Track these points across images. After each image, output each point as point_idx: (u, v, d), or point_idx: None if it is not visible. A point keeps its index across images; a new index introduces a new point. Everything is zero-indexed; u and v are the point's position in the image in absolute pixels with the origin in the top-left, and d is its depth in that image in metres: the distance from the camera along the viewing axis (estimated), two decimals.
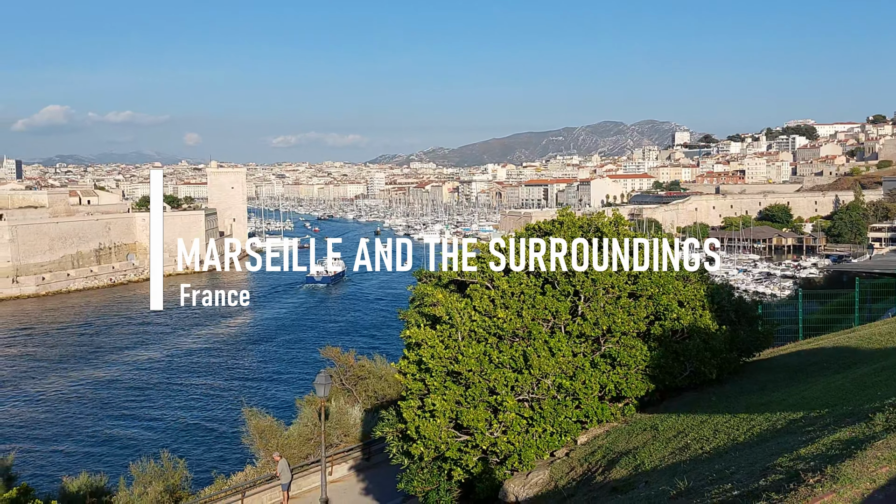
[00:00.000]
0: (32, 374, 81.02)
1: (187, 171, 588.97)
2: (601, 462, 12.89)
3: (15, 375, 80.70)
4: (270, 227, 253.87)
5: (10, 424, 64.16)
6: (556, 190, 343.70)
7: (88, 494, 25.88)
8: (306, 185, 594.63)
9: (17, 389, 75.22)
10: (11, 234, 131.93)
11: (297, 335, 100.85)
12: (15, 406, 69.71)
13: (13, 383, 77.49)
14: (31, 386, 76.46)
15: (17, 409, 68.63)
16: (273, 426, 31.04)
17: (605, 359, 15.89)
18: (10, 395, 73.10)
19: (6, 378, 79.62)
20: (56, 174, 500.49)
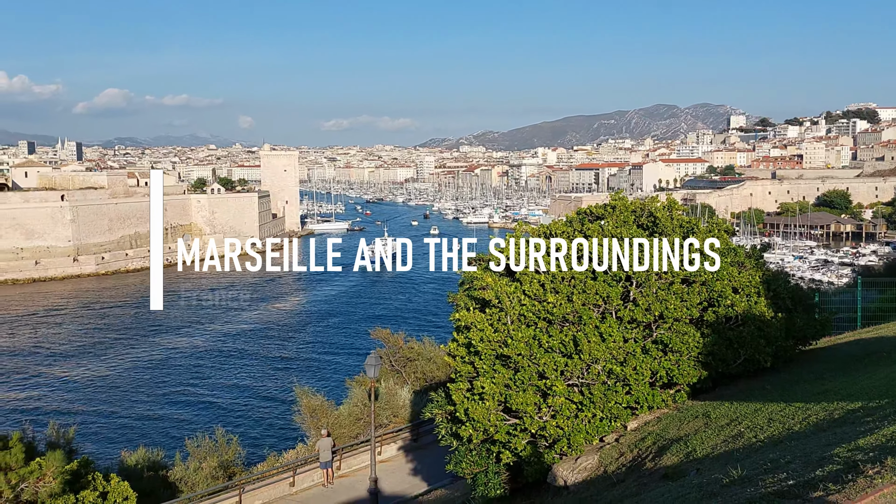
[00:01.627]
0: (92, 351, 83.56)
1: (241, 154, 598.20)
2: (651, 448, 12.81)
3: (75, 352, 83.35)
4: (322, 210, 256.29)
5: (72, 399, 66.36)
6: (607, 174, 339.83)
7: (146, 468, 26.66)
8: (357, 168, 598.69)
9: (78, 365, 77.70)
10: (72, 214, 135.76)
11: (348, 316, 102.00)
12: (76, 381, 72.04)
13: (74, 359, 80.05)
14: (90, 362, 78.88)
15: (78, 385, 70.91)
16: (324, 405, 31.53)
17: (657, 345, 15.73)
18: (72, 371, 75.55)
19: (68, 354, 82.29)
20: (115, 156, 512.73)
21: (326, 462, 26.08)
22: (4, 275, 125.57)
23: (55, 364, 78.27)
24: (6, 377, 73.41)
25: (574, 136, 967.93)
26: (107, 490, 20.68)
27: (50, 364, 78.24)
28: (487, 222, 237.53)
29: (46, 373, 74.95)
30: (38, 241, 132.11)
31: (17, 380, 72.46)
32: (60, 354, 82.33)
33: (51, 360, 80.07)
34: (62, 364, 78.30)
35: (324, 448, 25.98)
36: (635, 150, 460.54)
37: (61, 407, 63.40)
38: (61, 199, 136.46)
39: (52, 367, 76.88)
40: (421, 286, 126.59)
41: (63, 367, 76.95)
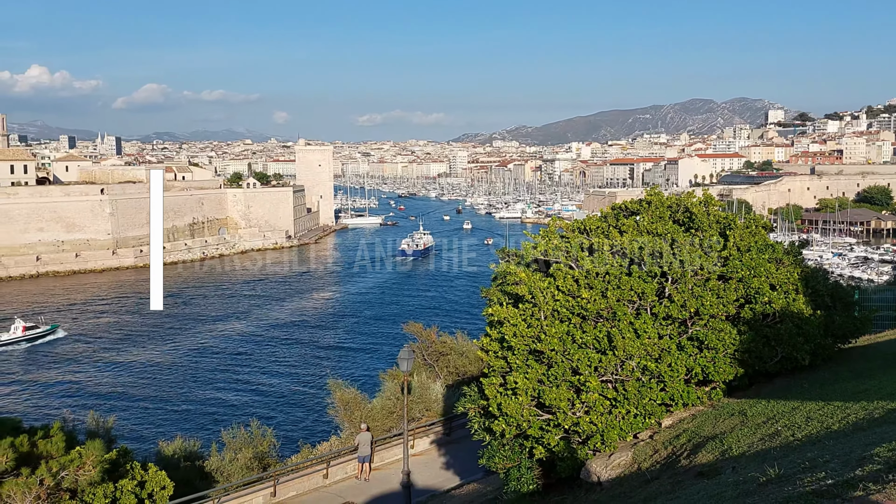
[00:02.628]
0: (130, 342, 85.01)
1: (276, 149, 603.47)
2: (686, 446, 12.71)
3: (113, 343, 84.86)
4: (356, 205, 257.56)
5: (110, 390, 67.61)
6: (642, 169, 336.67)
7: (183, 458, 27.09)
8: (390, 163, 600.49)
9: (116, 356, 79.12)
10: (112, 207, 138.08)
11: (381, 310, 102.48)
12: (114, 372, 73.37)
13: (113, 350, 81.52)
14: (128, 353, 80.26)
15: (117, 376, 72.22)
16: (357, 398, 31.75)
17: (692, 342, 15.59)
18: (110, 362, 76.96)
19: (106, 346, 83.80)
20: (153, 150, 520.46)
21: (365, 456, 26.14)
22: (46, 267, 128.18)
23: (95, 354, 79.79)
24: (47, 367, 75.03)
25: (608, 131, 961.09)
26: (144, 479, 21.06)
27: (90, 354, 79.79)
28: (520, 217, 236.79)
29: (86, 363, 76.45)
30: (79, 234, 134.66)
31: (57, 370, 74.03)
32: (100, 345, 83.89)
33: (90, 350, 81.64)
34: (102, 354, 79.79)
35: (363, 442, 26.08)
36: (671, 146, 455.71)
37: (100, 397, 64.66)
38: (101, 193, 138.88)
39: (92, 358, 78.40)
40: (453, 281, 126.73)
41: (102, 358, 78.41)
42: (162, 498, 21.11)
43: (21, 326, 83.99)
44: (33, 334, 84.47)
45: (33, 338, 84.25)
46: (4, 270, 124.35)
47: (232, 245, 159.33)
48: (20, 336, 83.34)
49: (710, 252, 16.32)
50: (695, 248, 16.24)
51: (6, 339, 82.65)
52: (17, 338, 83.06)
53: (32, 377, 72.16)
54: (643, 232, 16.85)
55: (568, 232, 18.39)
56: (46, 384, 69.41)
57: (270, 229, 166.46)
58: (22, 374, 73.35)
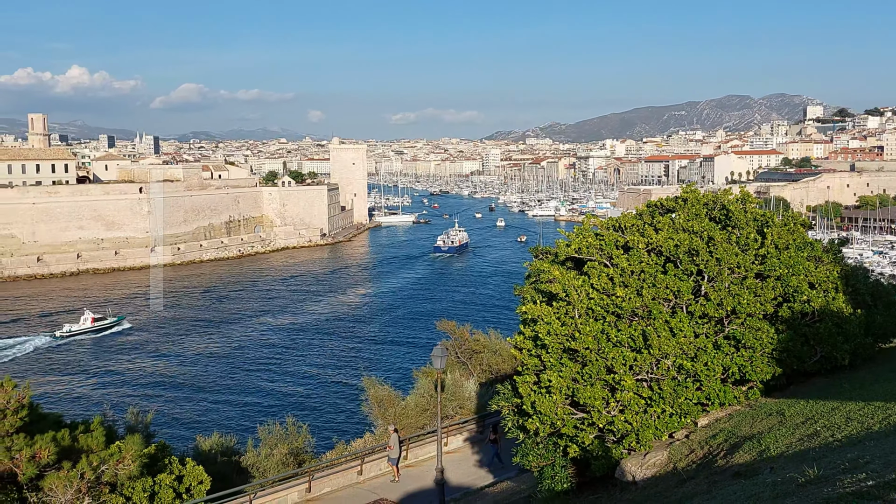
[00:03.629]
0: (168, 339, 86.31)
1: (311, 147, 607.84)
2: (723, 446, 12.57)
3: (151, 340, 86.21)
4: (389, 203, 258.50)
5: (148, 385, 68.70)
6: (677, 166, 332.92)
7: (219, 453, 27.42)
8: (423, 161, 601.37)
9: (155, 353, 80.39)
10: (150, 206, 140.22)
11: (414, 307, 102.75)
12: (152, 369, 74.54)
13: (152, 346, 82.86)
14: (166, 350, 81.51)
15: (154, 372, 73.36)
16: (391, 396, 31.88)
17: (729, 340, 15.41)
18: (148, 359, 78.21)
19: (144, 342, 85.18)
20: (190, 149, 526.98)
21: (394, 458, 26.20)
22: (86, 264, 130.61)
23: (133, 350, 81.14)
24: (86, 364, 76.46)
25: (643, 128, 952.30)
26: (182, 474, 21.39)
27: (128, 350, 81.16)
28: (553, 215, 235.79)
29: (125, 359, 77.77)
30: (118, 231, 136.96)
31: (96, 366, 75.41)
32: (139, 341, 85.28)
33: (129, 346, 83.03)
34: (140, 351, 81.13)
35: (395, 443, 26.16)
36: (706, 142, 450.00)
37: (139, 392, 65.73)
38: (139, 192, 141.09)
39: (130, 354, 79.73)
40: (487, 279, 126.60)
41: (141, 354, 79.71)
42: (199, 492, 21.41)
43: (90, 318, 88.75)
44: (101, 325, 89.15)
45: (101, 329, 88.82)
46: (46, 268, 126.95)
47: (267, 243, 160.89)
48: (89, 327, 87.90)
49: (747, 250, 16.12)
50: (732, 246, 16.05)
51: (77, 329, 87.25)
52: (86, 328, 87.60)
53: (91, 367, 74.27)
54: (679, 229, 16.68)
55: (602, 230, 18.28)
56: (85, 384, 70.74)
57: (305, 227, 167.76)
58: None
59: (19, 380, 60.77)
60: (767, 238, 16.49)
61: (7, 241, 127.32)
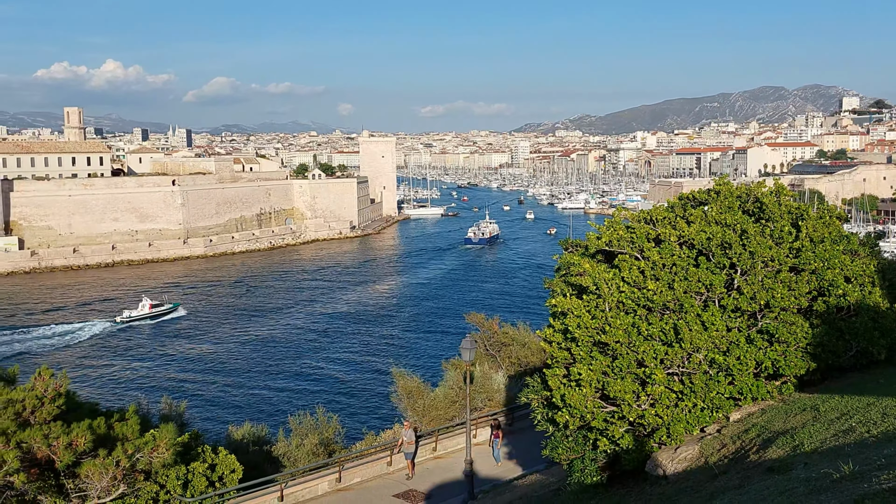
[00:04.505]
0: (200, 330, 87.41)
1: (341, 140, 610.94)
2: (756, 441, 12.46)
3: (184, 330, 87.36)
4: (418, 195, 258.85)
5: (182, 375, 69.67)
6: (709, 159, 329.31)
7: (251, 443, 27.77)
8: (452, 154, 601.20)
9: (187, 343, 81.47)
10: (183, 198, 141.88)
11: (443, 300, 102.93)
12: (185, 359, 75.58)
13: (185, 336, 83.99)
14: (199, 340, 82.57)
15: (187, 362, 74.38)
16: (420, 387, 32.00)
17: (762, 335, 15.24)
18: (181, 349, 79.29)
19: (177, 333, 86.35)
20: (222, 142, 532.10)
21: (409, 454, 25.91)
22: (121, 256, 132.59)
23: (167, 341, 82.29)
24: (122, 353, 77.70)
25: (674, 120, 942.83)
26: (215, 462, 21.70)
27: (162, 341, 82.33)
28: (583, 208, 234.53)
29: (158, 349, 78.91)
30: (151, 223, 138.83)
31: (131, 356, 76.61)
32: (171, 331, 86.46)
33: (162, 336, 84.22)
34: (173, 341, 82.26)
35: (410, 438, 25.86)
36: (739, 134, 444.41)
37: (173, 382, 66.66)
38: (172, 184, 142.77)
39: (163, 344, 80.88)
40: (516, 271, 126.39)
41: (173, 345, 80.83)
42: (231, 481, 21.71)
43: (148, 304, 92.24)
44: (158, 311, 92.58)
45: (158, 315, 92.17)
46: (82, 259, 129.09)
47: (298, 235, 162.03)
48: (147, 313, 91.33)
49: (781, 243, 15.92)
50: (765, 239, 15.86)
51: (136, 315, 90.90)
52: (144, 314, 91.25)
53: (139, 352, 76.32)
54: (711, 222, 16.52)
55: (633, 222, 18.15)
56: (119, 373, 71.87)
57: (335, 219, 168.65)
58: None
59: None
60: (802, 231, 16.26)
61: (44, 232, 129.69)
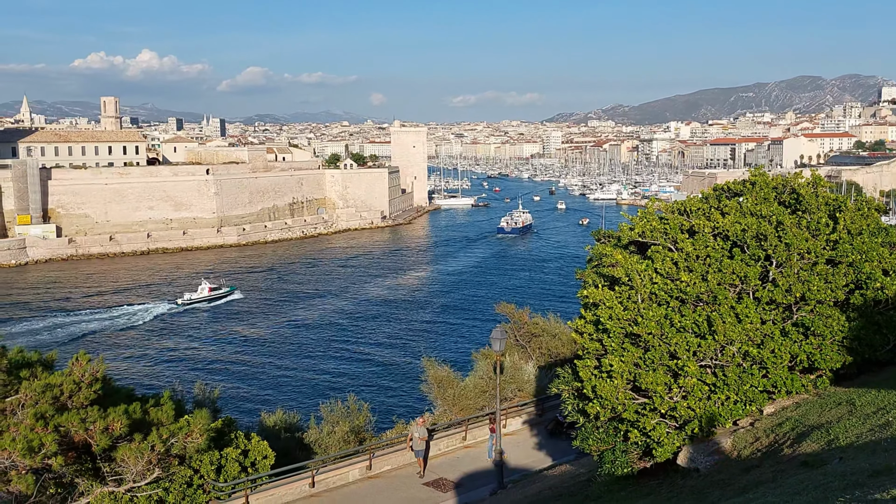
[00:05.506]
0: (233, 318, 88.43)
1: (372, 130, 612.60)
2: (790, 434, 12.32)
3: (217, 318, 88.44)
4: (449, 186, 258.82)
5: (215, 362, 70.59)
6: (744, 149, 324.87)
7: (283, 429, 28.09)
8: (483, 144, 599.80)
9: (220, 330, 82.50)
10: (216, 187, 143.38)
11: (473, 290, 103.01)
12: (218, 346, 76.55)
13: (218, 324, 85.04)
14: (231, 328, 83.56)
15: (220, 349, 75.32)
16: (450, 377, 32.11)
17: (797, 328, 15.04)
18: (214, 337, 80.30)
19: (211, 320, 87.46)
20: (255, 132, 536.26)
21: (420, 451, 25.07)
22: (156, 244, 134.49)
23: (199, 329, 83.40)
24: (156, 340, 78.89)
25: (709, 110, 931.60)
26: (248, 448, 22.01)
27: (195, 328, 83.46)
28: (615, 199, 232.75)
29: (194, 336, 79.99)
30: (186, 212, 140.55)
31: (165, 343, 77.75)
32: (204, 319, 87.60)
33: (195, 324, 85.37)
34: (206, 329, 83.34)
35: (421, 436, 25.04)
36: (775, 125, 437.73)
37: (206, 368, 67.58)
38: (206, 173, 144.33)
39: (197, 331, 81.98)
40: (546, 262, 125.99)
41: (206, 332, 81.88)
42: (264, 467, 21.99)
43: (207, 287, 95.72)
44: (216, 294, 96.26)
45: (216, 297, 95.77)
46: (118, 247, 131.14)
47: (330, 224, 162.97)
48: (206, 296, 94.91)
49: (818, 235, 15.67)
50: (802, 231, 15.63)
51: (196, 297, 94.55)
52: (204, 297, 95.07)
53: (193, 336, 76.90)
54: (746, 213, 16.31)
55: (667, 213, 17.98)
56: (155, 359, 72.98)
57: (366, 209, 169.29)
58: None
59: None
60: (840, 223, 15.99)
61: (81, 220, 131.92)
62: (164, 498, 19.94)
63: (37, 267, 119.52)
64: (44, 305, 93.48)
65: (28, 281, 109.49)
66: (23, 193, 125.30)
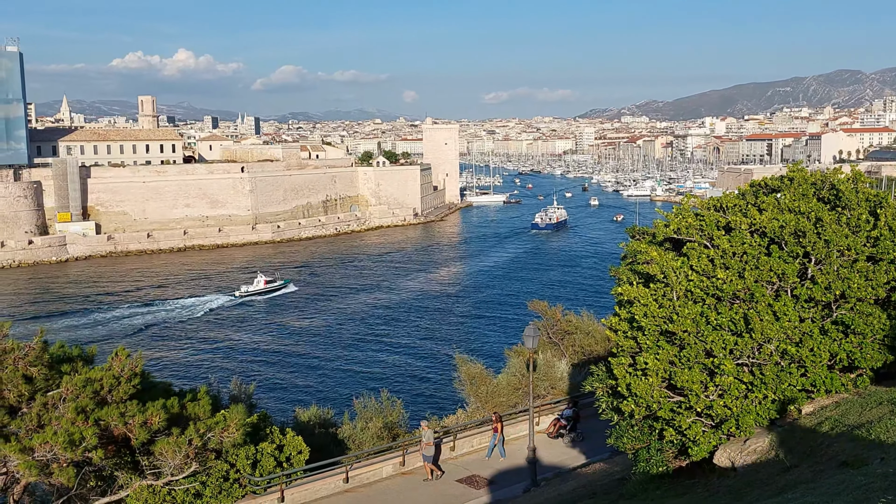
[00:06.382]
0: (267, 314, 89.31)
1: (405, 128, 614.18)
2: (829, 434, 12.14)
3: (252, 315, 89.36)
4: (480, 182, 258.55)
5: (250, 359, 71.36)
6: (781, 145, 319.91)
7: (317, 425, 28.30)
8: (515, 140, 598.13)
9: (255, 326, 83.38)
10: (251, 185, 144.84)
11: (505, 287, 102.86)
12: (253, 343, 77.35)
13: (253, 320, 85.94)
14: (266, 324, 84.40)
15: (256, 346, 76.10)
16: (483, 373, 32.12)
17: (837, 326, 14.80)
18: (249, 333, 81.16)
19: (245, 316, 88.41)
20: (288, 130, 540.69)
21: (429, 456, 24.64)
22: (192, 241, 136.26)
23: (235, 324, 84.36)
24: (192, 338, 79.96)
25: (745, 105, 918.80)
26: (283, 443, 22.23)
27: (231, 323, 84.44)
28: (649, 195, 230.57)
29: (229, 333, 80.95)
30: (221, 209, 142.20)
31: (202, 339, 78.77)
32: (240, 315, 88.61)
33: (231, 319, 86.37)
34: (241, 325, 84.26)
35: (429, 439, 24.62)
36: (813, 120, 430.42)
37: (242, 364, 68.35)
38: (241, 171, 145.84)
39: (234, 327, 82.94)
40: (579, 259, 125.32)
41: (241, 328, 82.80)
42: (299, 462, 22.20)
43: (263, 280, 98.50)
44: (271, 287, 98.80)
45: (271, 290, 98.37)
46: (155, 243, 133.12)
47: (363, 221, 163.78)
48: (262, 288, 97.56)
49: (858, 231, 15.40)
50: (841, 227, 15.37)
51: (252, 290, 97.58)
52: (259, 289, 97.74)
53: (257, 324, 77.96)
54: (784, 210, 16.08)
55: (702, 210, 17.79)
56: (190, 356, 73.97)
57: (399, 206, 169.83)
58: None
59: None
60: (881, 219, 15.69)
61: (120, 217, 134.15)
62: (201, 491, 20.23)
63: (77, 264, 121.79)
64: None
65: (77, 276, 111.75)
66: (63, 191, 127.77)
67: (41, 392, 18.50)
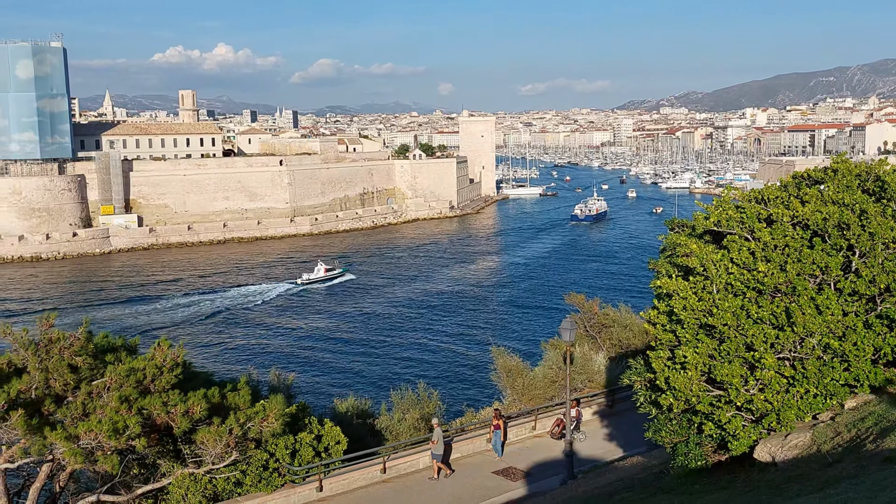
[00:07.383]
0: (307, 305, 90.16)
1: (441, 121, 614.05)
2: (872, 430, 11.93)
3: (291, 306, 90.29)
4: (517, 175, 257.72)
5: (290, 349, 72.13)
6: (824, 136, 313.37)
7: (355, 416, 28.55)
8: (552, 132, 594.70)
9: (293, 317, 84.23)
10: (290, 178, 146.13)
11: (543, 280, 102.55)
12: (293, 334, 78.16)
13: (292, 312, 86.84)
14: (305, 315, 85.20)
15: (295, 337, 76.90)
16: (519, 366, 32.10)
17: (882, 320, 14.52)
18: (288, 325, 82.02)
19: (285, 307, 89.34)
20: (326, 123, 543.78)
21: (437, 455, 24.08)
22: (231, 233, 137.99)
23: (274, 315, 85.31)
24: (229, 326, 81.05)
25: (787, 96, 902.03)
26: (321, 434, 22.47)
27: (270, 314, 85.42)
28: (688, 187, 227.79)
29: (267, 323, 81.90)
30: (260, 202, 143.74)
31: (241, 329, 79.81)
32: (279, 306, 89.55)
33: (271, 310, 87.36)
34: (279, 315, 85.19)
35: (438, 438, 24.15)
36: (857, 110, 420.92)
37: (280, 355, 69.11)
38: (280, 164, 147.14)
39: (272, 318, 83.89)
40: (617, 252, 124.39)
41: (280, 319, 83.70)
42: (336, 452, 22.42)
43: (323, 268, 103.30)
44: (331, 275, 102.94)
45: (331, 278, 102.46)
46: (196, 236, 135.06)
47: (399, 214, 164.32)
48: (322, 276, 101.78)
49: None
50: (887, 220, 15.06)
51: (313, 277, 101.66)
52: (320, 277, 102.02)
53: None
54: (828, 202, 15.80)
55: (743, 202, 17.56)
56: (230, 345, 74.95)
57: (435, 199, 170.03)
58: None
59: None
60: None
61: (161, 210, 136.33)
62: (241, 480, 20.55)
63: (120, 256, 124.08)
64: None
65: (124, 267, 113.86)
66: (106, 184, 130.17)
67: (86, 381, 18.95)
